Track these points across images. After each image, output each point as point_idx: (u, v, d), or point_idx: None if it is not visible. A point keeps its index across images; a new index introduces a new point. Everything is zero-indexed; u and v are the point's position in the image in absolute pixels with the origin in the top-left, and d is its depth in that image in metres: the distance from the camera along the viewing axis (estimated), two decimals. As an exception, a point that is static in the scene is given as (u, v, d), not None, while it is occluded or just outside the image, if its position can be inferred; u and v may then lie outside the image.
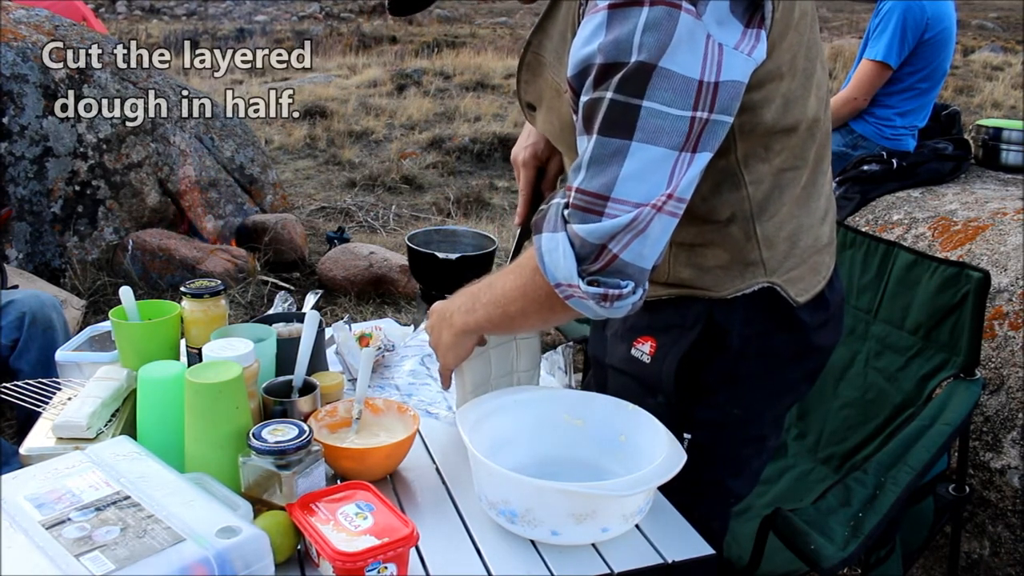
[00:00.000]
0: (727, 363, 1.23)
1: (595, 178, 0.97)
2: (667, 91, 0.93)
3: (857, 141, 3.19)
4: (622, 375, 1.32)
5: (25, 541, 0.92)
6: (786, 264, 1.19)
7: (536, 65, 1.18)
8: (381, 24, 20.34)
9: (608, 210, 0.96)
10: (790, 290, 1.20)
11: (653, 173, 0.95)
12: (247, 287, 3.94)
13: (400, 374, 1.65)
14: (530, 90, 1.22)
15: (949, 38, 3.13)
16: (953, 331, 1.76)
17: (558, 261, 0.99)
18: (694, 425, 1.25)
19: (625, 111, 0.94)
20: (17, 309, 2.22)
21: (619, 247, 0.97)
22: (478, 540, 1.14)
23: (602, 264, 0.98)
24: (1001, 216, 2.43)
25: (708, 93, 0.95)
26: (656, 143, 0.94)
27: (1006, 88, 10.04)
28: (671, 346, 1.23)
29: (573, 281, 0.99)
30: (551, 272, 1.01)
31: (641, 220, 0.96)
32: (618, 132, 0.95)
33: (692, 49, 0.93)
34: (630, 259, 0.98)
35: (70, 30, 4.27)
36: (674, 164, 0.96)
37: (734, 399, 1.25)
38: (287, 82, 10.39)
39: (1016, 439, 2.02)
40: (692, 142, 0.96)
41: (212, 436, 1.15)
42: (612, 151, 0.95)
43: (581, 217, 0.98)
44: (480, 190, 6.00)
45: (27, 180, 3.77)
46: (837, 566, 1.34)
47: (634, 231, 0.96)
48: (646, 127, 0.94)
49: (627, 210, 0.96)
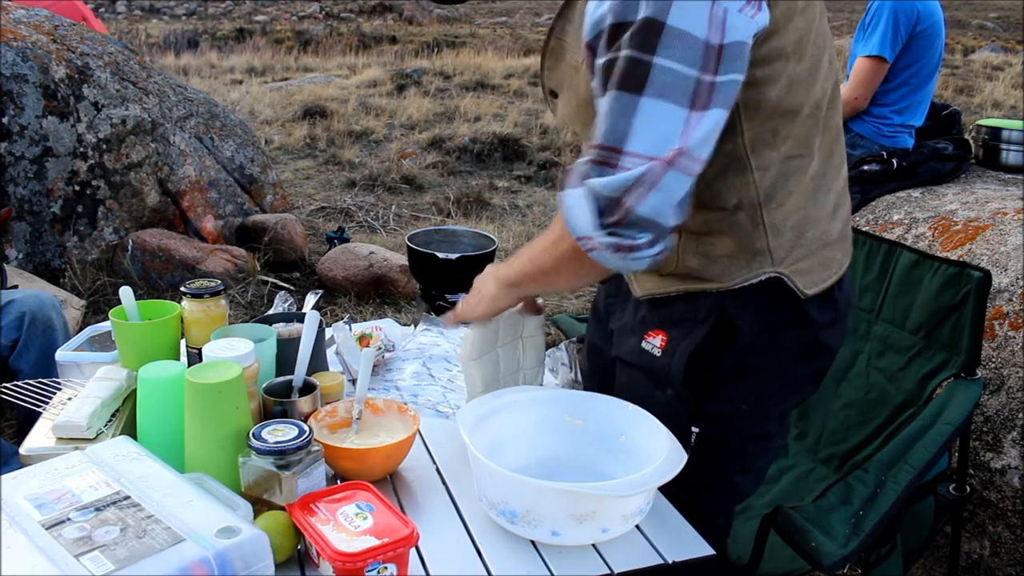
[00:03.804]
0: (737, 357, 1.24)
1: (609, 132, 1.01)
2: (677, 48, 0.97)
3: (855, 140, 3.19)
4: (631, 368, 1.33)
5: (25, 541, 0.92)
6: (793, 254, 1.20)
7: (559, 50, 1.21)
8: (381, 24, 20.35)
9: (621, 163, 1.00)
10: (798, 281, 1.21)
11: (663, 127, 0.99)
12: (247, 287, 3.94)
13: (403, 376, 1.65)
14: (553, 76, 1.25)
15: (938, 32, 3.14)
16: (954, 331, 1.76)
17: (579, 214, 1.04)
18: (703, 419, 1.27)
19: (637, 66, 0.98)
20: (17, 309, 2.21)
21: (633, 200, 1.00)
22: (478, 540, 1.14)
23: (618, 217, 1.01)
24: (1001, 216, 2.43)
25: (714, 55, 0.98)
26: (666, 98, 0.98)
27: (1006, 88, 10.04)
28: (682, 340, 1.24)
29: (591, 233, 1.03)
30: (573, 225, 1.05)
31: (653, 173, 0.99)
32: (631, 87, 0.99)
33: (698, 10, 0.97)
34: (646, 213, 1.01)
35: (70, 30, 4.27)
36: (685, 121, 0.99)
37: (742, 393, 1.26)
38: (287, 82, 10.40)
39: (1016, 439, 2.02)
40: (702, 100, 0.99)
41: (212, 436, 1.15)
42: (624, 105, 0.99)
43: (598, 171, 1.02)
44: (480, 190, 6.00)
45: (27, 180, 3.77)
46: (838, 563, 1.34)
47: (647, 184, 0.99)
48: (656, 82, 0.97)
49: (640, 163, 0.99)
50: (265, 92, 9.14)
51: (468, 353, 1.36)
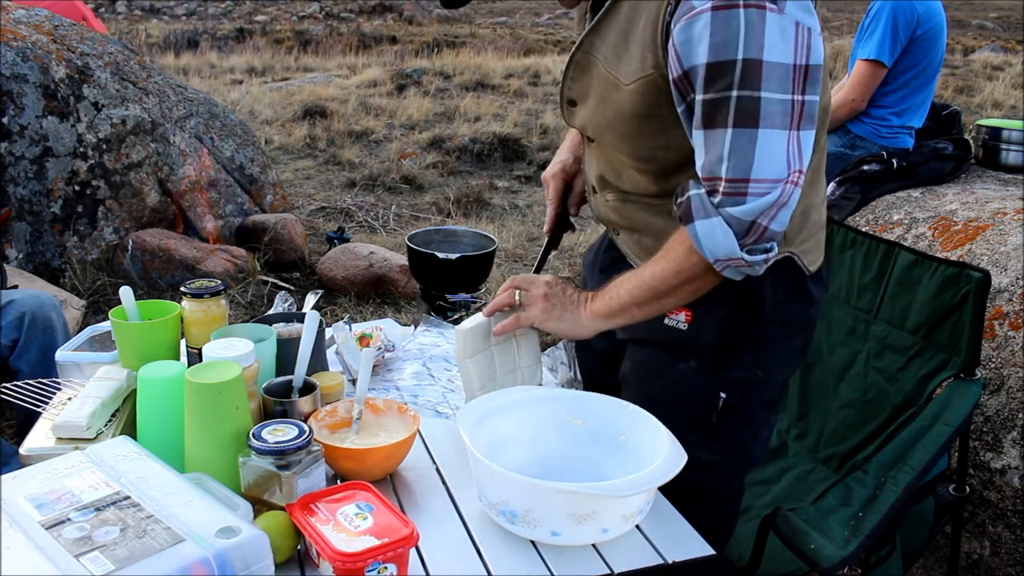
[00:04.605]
0: (756, 328, 1.36)
1: (737, 166, 1.12)
2: (775, 80, 1.09)
3: (855, 141, 3.19)
4: (647, 346, 1.42)
5: (25, 541, 0.92)
6: (800, 236, 1.34)
7: (585, 63, 1.30)
8: (381, 24, 20.35)
9: (750, 190, 1.13)
10: (804, 259, 1.35)
11: (779, 152, 1.12)
12: (247, 287, 3.94)
13: (403, 376, 1.65)
14: (576, 87, 1.34)
15: (940, 34, 3.13)
16: (953, 331, 1.76)
17: (718, 241, 1.15)
18: (728, 385, 1.38)
19: (751, 104, 1.10)
20: (17, 309, 2.21)
21: (768, 220, 1.14)
22: (478, 540, 1.14)
23: (756, 236, 1.15)
24: (1001, 216, 2.43)
25: (801, 75, 1.11)
26: (774, 127, 1.11)
27: (1006, 88, 10.03)
28: (707, 314, 1.35)
29: (735, 256, 1.16)
30: (710, 251, 1.17)
31: (785, 195, 1.13)
32: (747, 123, 1.10)
33: (784, 39, 1.09)
34: (776, 228, 1.16)
35: (70, 30, 4.27)
36: (787, 142, 1.12)
37: (758, 361, 1.39)
38: (287, 82, 10.40)
39: (1016, 439, 2.02)
40: (796, 121, 1.12)
41: (212, 436, 1.15)
42: (747, 140, 1.11)
43: (732, 201, 1.14)
44: (480, 190, 6.00)
45: (27, 180, 3.77)
46: (837, 565, 1.34)
47: (780, 205, 1.14)
48: (767, 114, 1.10)
49: (767, 187, 1.12)
50: (265, 92, 9.13)
51: (461, 351, 1.37)
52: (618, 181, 1.38)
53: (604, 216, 1.46)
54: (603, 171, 1.40)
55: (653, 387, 1.41)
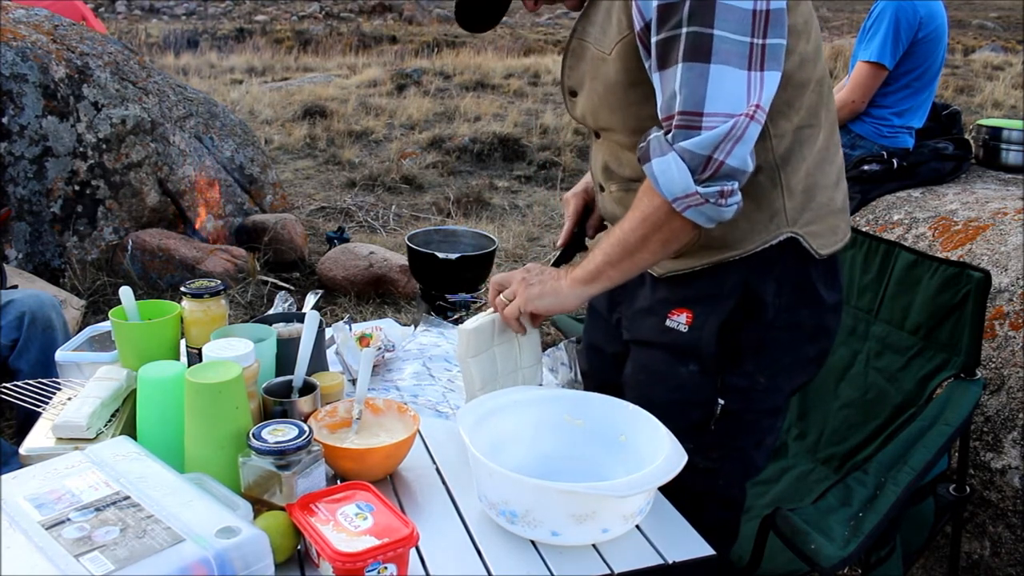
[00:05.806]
0: (759, 332, 1.33)
1: (688, 99, 1.12)
2: (732, 21, 1.10)
3: (855, 141, 3.19)
4: (650, 348, 1.40)
5: (25, 541, 0.92)
6: (804, 216, 1.30)
7: (580, 49, 1.32)
8: (381, 24, 20.34)
9: (704, 123, 1.11)
10: (812, 242, 1.31)
11: (734, 88, 1.11)
12: (247, 287, 3.94)
13: (403, 376, 1.65)
14: (574, 75, 1.35)
15: (942, 36, 3.12)
16: (954, 331, 1.76)
17: (673, 177, 1.14)
18: (727, 391, 1.35)
19: (700, 39, 1.10)
20: (17, 309, 2.21)
21: (723, 154, 1.12)
22: (478, 540, 1.14)
23: (712, 171, 1.13)
24: (1001, 216, 2.43)
25: (761, 20, 1.11)
26: (730, 64, 1.11)
27: (1006, 88, 10.03)
28: (708, 315, 1.33)
29: (690, 190, 1.14)
30: (667, 188, 1.15)
31: (739, 128, 1.11)
32: (699, 57, 1.11)
33: None
34: (735, 164, 1.13)
35: (70, 30, 4.27)
36: (748, 80, 1.12)
37: (761, 367, 1.35)
38: (287, 82, 10.40)
39: (1016, 439, 2.02)
40: (756, 61, 1.12)
41: (212, 436, 1.15)
42: (697, 73, 1.11)
43: (684, 135, 1.13)
44: (480, 190, 6.00)
45: (27, 180, 3.77)
46: (837, 565, 1.34)
47: (734, 138, 1.12)
48: (720, 51, 1.10)
49: (721, 120, 1.11)
50: (265, 92, 9.13)
51: (464, 351, 1.37)
52: (620, 168, 1.38)
53: (610, 212, 1.45)
54: (607, 160, 1.40)
55: (653, 390, 1.40)
